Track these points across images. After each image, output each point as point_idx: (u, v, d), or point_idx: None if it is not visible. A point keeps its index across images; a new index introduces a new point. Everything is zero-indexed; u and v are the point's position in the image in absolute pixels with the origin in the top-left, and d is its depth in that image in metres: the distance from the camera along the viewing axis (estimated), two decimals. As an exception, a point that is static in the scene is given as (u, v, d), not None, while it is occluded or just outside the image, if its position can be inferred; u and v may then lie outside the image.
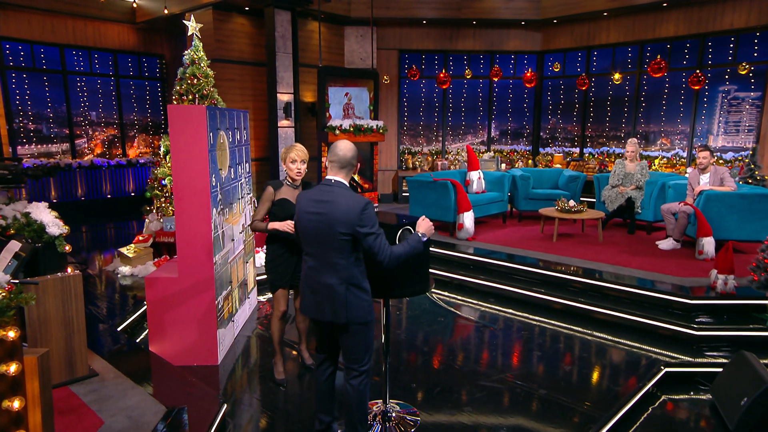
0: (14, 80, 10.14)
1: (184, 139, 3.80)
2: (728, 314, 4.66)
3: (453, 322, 5.23)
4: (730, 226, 5.92)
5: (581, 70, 10.62)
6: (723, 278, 4.71)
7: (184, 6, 9.35)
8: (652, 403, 3.89)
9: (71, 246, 3.69)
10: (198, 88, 6.49)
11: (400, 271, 3.01)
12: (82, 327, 3.54)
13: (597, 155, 10.55)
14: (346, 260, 2.59)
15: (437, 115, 11.47)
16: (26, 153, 10.39)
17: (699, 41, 9.10)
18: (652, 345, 4.56)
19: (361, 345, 2.72)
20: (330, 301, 2.62)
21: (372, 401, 3.53)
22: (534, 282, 5.73)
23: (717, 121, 9.19)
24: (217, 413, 3.16)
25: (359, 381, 2.76)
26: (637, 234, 7.37)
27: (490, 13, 10.23)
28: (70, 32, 10.40)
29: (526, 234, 7.45)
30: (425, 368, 4.23)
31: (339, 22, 10.44)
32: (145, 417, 3.10)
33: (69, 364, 3.51)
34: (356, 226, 2.50)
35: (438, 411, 3.50)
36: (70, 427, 3.00)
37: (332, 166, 2.65)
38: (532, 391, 3.77)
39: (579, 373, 4.15)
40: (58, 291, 3.41)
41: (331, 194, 2.59)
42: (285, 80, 8.83)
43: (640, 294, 4.99)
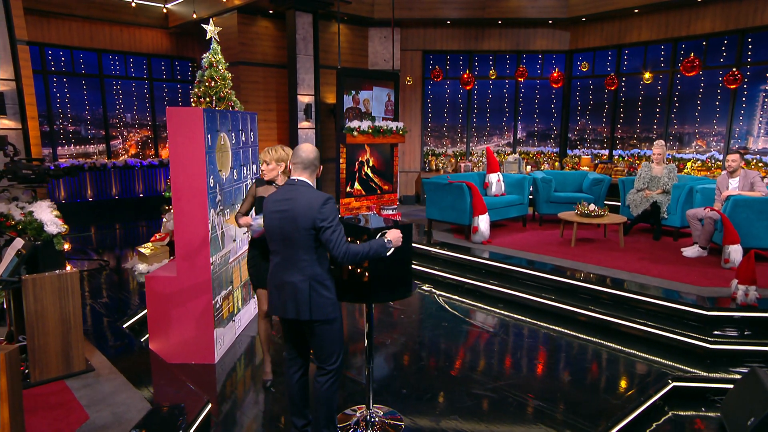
0: (55, 84, 10.63)
1: (182, 140, 3.85)
2: (748, 327, 4.37)
3: (457, 327, 5.11)
4: (760, 234, 5.57)
5: (611, 69, 10.24)
6: (744, 289, 4.42)
7: (212, 11, 9.56)
8: (657, 418, 3.69)
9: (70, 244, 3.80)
10: (215, 91, 6.56)
11: (381, 276, 2.97)
12: (79, 323, 3.64)
13: (627, 157, 10.15)
14: (310, 257, 2.64)
15: (462, 117, 11.31)
16: (65, 153, 10.89)
17: (737, 37, 8.59)
18: (663, 357, 4.33)
19: (327, 343, 2.73)
20: (294, 299, 2.65)
21: (356, 406, 3.48)
22: (545, 288, 5.56)
23: (757, 121, 8.66)
24: (199, 412, 3.18)
25: (326, 379, 2.77)
26: (662, 240, 7.04)
27: (516, 12, 10.01)
28: (107, 38, 10.81)
29: (544, 238, 7.23)
30: (419, 373, 4.15)
31: (363, 24, 10.44)
32: (129, 414, 3.14)
33: (66, 358, 3.61)
34: (316, 219, 2.56)
35: (424, 417, 3.41)
36: (56, 421, 3.08)
37: (296, 167, 2.73)
38: (525, 401, 3.63)
39: (579, 383, 3.97)
40: (56, 288, 3.51)
41: (294, 192, 2.66)
42: (306, 82, 8.89)
43: (653, 303, 4.75)
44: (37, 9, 9.56)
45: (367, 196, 8.92)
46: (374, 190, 9.03)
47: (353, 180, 8.69)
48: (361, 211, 8.54)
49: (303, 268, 2.63)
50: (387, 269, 2.98)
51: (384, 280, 2.99)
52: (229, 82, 6.72)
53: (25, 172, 5.60)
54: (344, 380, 3.95)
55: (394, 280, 3.05)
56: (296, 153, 2.75)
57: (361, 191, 8.83)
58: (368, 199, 8.91)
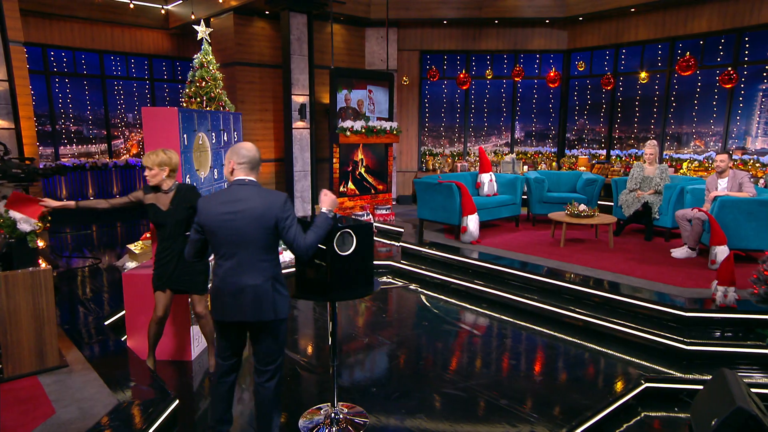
0: (57, 84, 10.77)
1: (158, 139, 3.88)
2: (725, 328, 4.31)
3: (437, 326, 5.10)
4: (748, 235, 5.49)
5: (609, 69, 10.16)
6: (723, 290, 4.37)
7: (210, 11, 9.63)
8: (629, 419, 3.66)
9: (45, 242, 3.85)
10: (206, 91, 6.61)
11: (342, 274, 2.97)
12: (53, 319, 3.68)
13: (624, 158, 10.06)
14: (270, 257, 2.63)
15: (459, 117, 11.27)
16: (67, 153, 11.03)
17: (735, 36, 8.48)
18: (640, 358, 4.29)
19: (280, 342, 2.74)
20: (255, 301, 2.59)
21: (321, 404, 3.49)
22: (528, 288, 5.52)
23: (755, 121, 8.53)
24: (164, 408, 3.20)
25: (275, 382, 2.74)
26: (654, 241, 6.97)
27: (513, 11, 9.96)
28: (109, 39, 10.92)
29: (535, 239, 7.19)
30: (392, 372, 4.16)
31: (359, 24, 10.45)
32: (95, 409, 3.17)
33: (39, 354, 3.65)
34: (280, 218, 2.55)
35: (390, 416, 3.41)
36: (22, 415, 3.12)
37: (243, 167, 2.65)
38: (494, 400, 3.62)
39: (552, 383, 3.94)
40: (28, 285, 3.55)
41: (247, 192, 2.59)
42: (300, 82, 8.91)
43: (633, 304, 4.70)
44: (39, 11, 9.70)
45: (361, 195, 8.92)
46: (368, 189, 9.03)
47: (347, 180, 8.70)
48: (355, 211, 8.55)
49: (264, 269, 2.60)
50: (348, 268, 2.98)
51: (345, 278, 2.99)
52: (220, 82, 6.75)
53: (14, 171, 5.69)
54: (315, 378, 3.97)
55: (355, 278, 3.04)
56: (240, 153, 2.64)
57: (355, 191, 8.84)
58: (362, 198, 8.92)
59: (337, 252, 2.89)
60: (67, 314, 4.90)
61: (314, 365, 4.27)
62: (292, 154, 8.91)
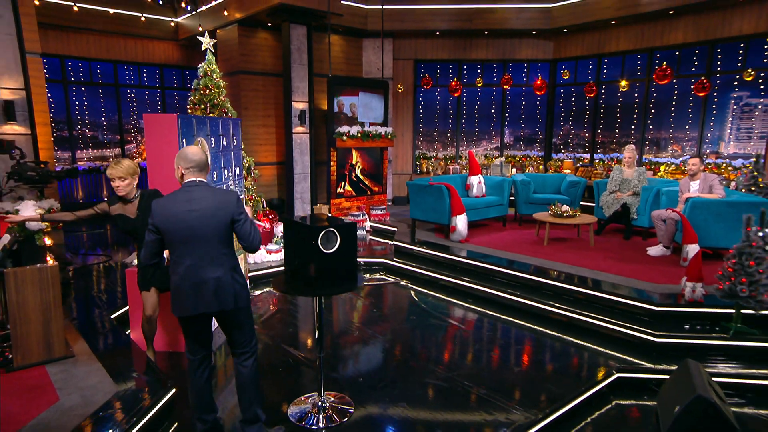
0: (74, 93, 10.82)
1: (158, 144, 3.90)
2: (693, 322, 4.31)
3: (424, 320, 5.10)
4: (718, 234, 5.48)
5: (592, 77, 10.15)
6: (691, 286, 4.38)
7: (216, 24, 9.66)
8: (601, 407, 3.66)
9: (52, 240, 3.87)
10: (210, 98, 6.64)
11: (328, 271, 2.98)
12: (59, 313, 3.70)
13: (607, 161, 10.05)
14: (228, 250, 2.69)
15: (451, 122, 11.27)
16: (83, 157, 11.07)
17: (708, 48, 8.49)
18: (613, 349, 4.29)
19: (248, 326, 2.82)
20: (217, 292, 2.63)
21: (310, 393, 3.50)
22: (511, 284, 5.52)
23: (728, 127, 8.53)
24: (162, 396, 3.22)
25: (252, 360, 2.83)
26: (632, 240, 6.96)
27: (502, 23, 9.97)
28: (122, 50, 10.96)
29: (520, 237, 7.17)
30: (378, 363, 4.16)
31: (357, 35, 10.47)
32: (96, 397, 3.20)
33: (47, 345, 3.68)
34: (235, 213, 2.63)
35: (374, 404, 3.42)
36: (28, 402, 3.14)
37: (192, 170, 2.67)
38: (473, 390, 3.62)
39: (529, 374, 3.94)
40: (36, 280, 3.58)
41: (200, 192, 2.63)
42: (300, 90, 8.93)
43: (609, 299, 4.70)
44: (57, 24, 9.77)
45: (357, 197, 8.93)
46: (364, 191, 9.04)
47: (344, 181, 8.71)
48: (351, 211, 8.56)
49: (224, 262, 2.65)
50: (333, 265, 2.99)
51: (330, 274, 3.00)
52: (223, 90, 6.78)
53: (29, 174, 5.72)
54: (305, 370, 3.98)
55: (340, 274, 3.05)
56: (187, 158, 2.65)
57: (351, 192, 8.85)
58: (358, 199, 8.93)
59: (321, 250, 2.90)
60: (77, 308, 4.93)
61: (307, 358, 4.27)
62: (292, 158, 8.93)
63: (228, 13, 9.19)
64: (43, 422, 2.93)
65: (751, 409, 3.60)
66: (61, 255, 7.07)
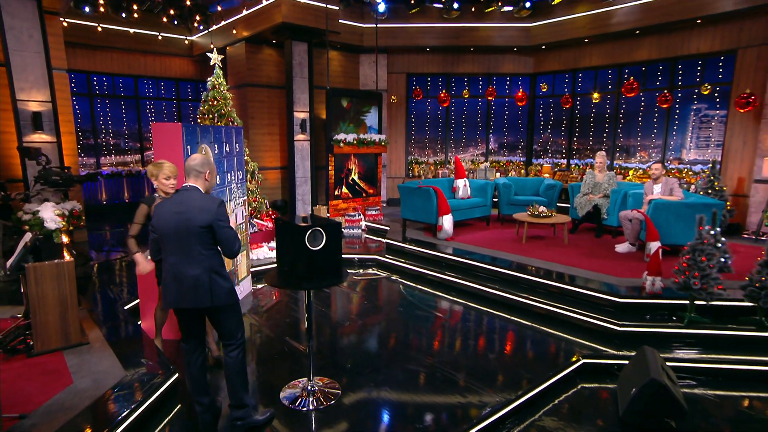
0: (99, 105, 10.84)
1: (165, 150, 3.91)
2: (652, 312, 4.32)
3: (410, 312, 5.10)
4: (677, 233, 5.48)
5: (568, 90, 10.15)
6: (651, 280, 4.39)
7: (226, 41, 9.67)
8: (567, 389, 3.67)
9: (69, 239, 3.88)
10: (217, 108, 6.66)
11: (314, 267, 2.99)
12: (75, 304, 3.71)
13: (582, 166, 10.05)
14: (207, 251, 2.64)
15: (441, 130, 11.28)
16: (107, 163, 11.09)
17: (670, 64, 8.50)
18: (581, 338, 4.30)
19: (231, 323, 2.78)
20: (194, 290, 2.61)
21: (301, 378, 3.51)
22: (491, 279, 5.53)
23: (689, 136, 8.54)
24: (165, 380, 3.23)
25: (237, 352, 2.81)
26: (603, 238, 6.96)
27: (486, 41, 9.96)
28: (142, 66, 10.98)
29: (502, 236, 7.17)
30: (366, 351, 4.16)
31: (354, 51, 10.47)
32: (107, 380, 3.21)
33: (64, 333, 3.69)
34: (215, 220, 2.60)
35: (360, 388, 3.43)
36: (45, 385, 3.16)
37: (189, 176, 2.72)
38: (451, 375, 3.63)
39: (503, 360, 3.96)
40: (54, 274, 3.59)
41: (189, 196, 2.65)
42: (301, 101, 8.93)
43: (578, 292, 4.71)
44: (84, 43, 9.85)
45: (354, 198, 8.93)
46: (360, 193, 9.04)
47: (341, 184, 8.71)
48: (348, 211, 8.56)
49: (202, 261, 2.62)
50: (319, 261, 3.01)
51: (316, 270, 3.01)
52: (229, 101, 6.80)
53: (54, 178, 5.74)
54: (299, 357, 3.99)
55: (326, 269, 3.06)
56: (187, 164, 2.72)
57: (348, 194, 8.85)
58: (354, 201, 8.93)
59: (308, 247, 2.91)
60: (95, 300, 4.94)
61: (301, 346, 4.28)
62: (294, 163, 8.93)
63: (236, 32, 9.20)
64: (57, 403, 2.95)
65: (702, 390, 3.61)
66: (84, 252, 7.09)
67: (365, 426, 2.99)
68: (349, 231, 8.02)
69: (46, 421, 2.75)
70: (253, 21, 8.82)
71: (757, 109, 7.40)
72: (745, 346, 3.95)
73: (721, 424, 3.21)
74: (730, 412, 3.35)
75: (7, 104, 6.70)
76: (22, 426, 2.71)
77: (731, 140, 7.79)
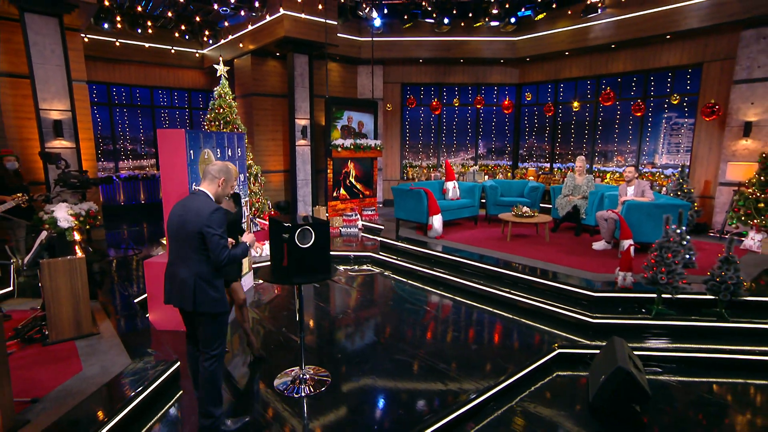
0: (118, 114, 10.84)
1: (169, 155, 3.90)
2: (623, 305, 4.30)
3: (401, 305, 5.08)
4: (648, 231, 5.47)
5: (551, 99, 10.13)
6: (623, 275, 4.37)
7: (233, 54, 9.67)
8: (543, 377, 3.65)
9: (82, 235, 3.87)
10: (223, 116, 6.66)
11: (303, 262, 2.97)
12: (86, 297, 3.71)
13: (564, 169, 10.03)
14: (197, 257, 2.47)
15: (433, 136, 11.26)
16: (125, 167, 11.09)
17: (643, 76, 8.51)
18: (558, 329, 4.27)
19: (209, 333, 2.56)
20: (180, 291, 2.50)
21: (291, 367, 3.49)
22: (477, 274, 5.50)
23: (661, 142, 8.53)
24: (167, 368, 3.22)
25: (210, 363, 2.57)
26: (582, 236, 6.94)
27: (475, 53, 9.95)
28: (157, 77, 10.98)
29: (488, 234, 7.15)
30: (357, 342, 4.13)
31: (352, 63, 10.46)
32: (114, 368, 3.21)
33: (76, 324, 3.69)
34: (204, 225, 2.42)
35: (349, 376, 3.42)
36: (57, 371, 3.16)
37: (204, 179, 2.62)
38: (434, 364, 3.61)
39: (484, 350, 3.93)
40: (66, 269, 3.60)
41: (193, 200, 2.54)
42: (302, 109, 8.92)
43: (556, 286, 4.69)
44: (105, 57, 9.86)
45: (351, 199, 8.92)
46: (357, 194, 9.03)
47: (339, 186, 8.70)
48: (345, 212, 8.55)
49: (191, 265, 2.47)
50: (309, 258, 2.99)
51: (306, 266, 3.00)
52: (234, 109, 6.79)
53: (72, 180, 5.74)
54: (294, 347, 3.98)
55: (315, 265, 3.04)
56: (207, 167, 2.61)
57: (345, 195, 8.84)
58: (352, 202, 8.92)
59: (298, 245, 2.90)
60: (108, 293, 4.93)
61: (295, 337, 4.27)
62: (295, 166, 8.92)
63: (243, 45, 9.19)
64: (66, 388, 2.95)
65: (667, 377, 3.60)
66: (102, 249, 7.09)
67: (353, 411, 2.98)
68: (347, 230, 8.01)
69: (55, 405, 2.75)
70: (257, 35, 8.82)
71: (721, 118, 7.41)
72: (707, 336, 3.94)
73: (683, 408, 3.19)
74: (691, 397, 3.34)
75: (31, 113, 6.71)
76: (33, 409, 2.71)
77: (698, 146, 7.78)
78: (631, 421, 3.04)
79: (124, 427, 2.74)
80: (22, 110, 6.79)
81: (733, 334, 3.93)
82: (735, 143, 7.12)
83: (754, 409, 3.22)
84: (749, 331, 3.93)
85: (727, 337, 3.91)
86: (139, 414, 2.87)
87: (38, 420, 2.60)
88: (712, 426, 3.02)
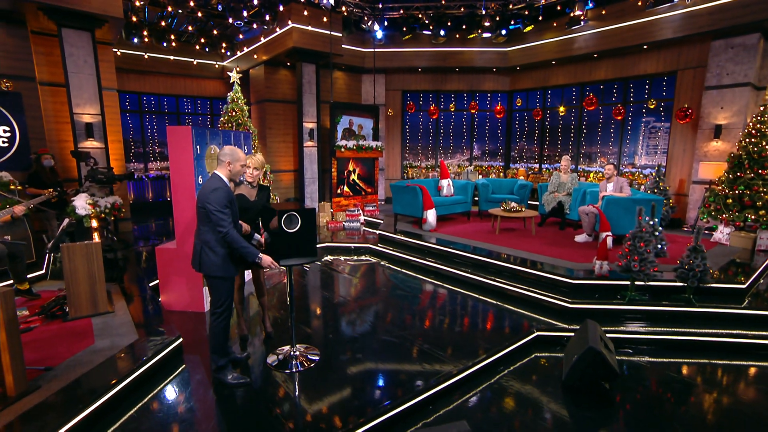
0: (148, 120, 10.91)
1: (177, 150, 3.87)
2: (600, 291, 4.17)
3: (393, 292, 4.99)
4: (626, 224, 5.31)
5: (539, 104, 9.95)
6: (600, 264, 4.24)
7: (248, 65, 9.67)
8: (523, 357, 3.56)
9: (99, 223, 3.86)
10: (236, 119, 6.64)
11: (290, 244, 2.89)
12: (102, 279, 3.69)
13: (552, 170, 9.84)
14: (204, 227, 2.70)
15: (432, 139, 11.14)
16: (153, 167, 11.17)
17: (623, 83, 8.32)
18: (538, 314, 4.16)
19: (213, 292, 2.76)
20: (194, 255, 2.77)
21: (282, 346, 3.43)
22: (465, 264, 5.39)
23: (640, 144, 8.32)
24: (170, 343, 3.19)
25: (214, 318, 2.79)
26: (566, 230, 6.79)
27: (469, 62, 9.81)
28: (182, 87, 11.02)
29: (479, 228, 7.02)
30: (347, 324, 4.05)
31: (357, 71, 10.39)
32: (122, 342, 3.19)
33: (93, 303, 3.68)
34: (205, 202, 2.61)
35: (337, 355, 3.35)
36: (72, 344, 3.14)
37: (217, 165, 2.77)
38: (419, 345, 3.52)
39: (467, 333, 3.83)
40: (83, 254, 3.58)
41: (207, 181, 2.71)
42: (310, 113, 8.88)
43: (538, 275, 4.57)
44: (136, 69, 9.93)
45: (354, 196, 8.84)
46: (359, 192, 8.95)
47: (343, 184, 8.63)
48: (349, 207, 8.48)
49: (200, 234, 2.73)
50: (296, 240, 2.91)
51: (293, 248, 2.91)
52: (246, 112, 6.77)
53: (99, 176, 5.76)
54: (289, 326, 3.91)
55: (302, 248, 2.94)
56: (218, 154, 2.77)
57: (349, 193, 8.76)
58: (355, 198, 8.84)
59: (285, 230, 2.84)
60: (127, 277, 4.93)
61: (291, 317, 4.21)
62: (303, 166, 8.87)
63: (257, 57, 9.18)
64: (77, 359, 2.93)
65: (638, 358, 3.47)
66: (128, 240, 7.12)
67: (340, 385, 2.91)
68: (350, 224, 7.95)
69: (65, 373, 2.73)
70: (269, 47, 8.80)
71: (694, 121, 7.24)
72: (676, 320, 3.79)
73: (650, 386, 3.07)
74: (660, 376, 3.21)
75: (67, 118, 6.79)
76: (45, 377, 2.69)
77: (674, 147, 7.59)
78: (602, 397, 2.93)
79: (133, 390, 2.76)
80: (60, 115, 6.90)
81: (700, 318, 3.79)
82: (706, 144, 6.98)
83: (718, 387, 3.08)
84: (715, 315, 3.78)
85: (694, 321, 3.77)
86: (143, 383, 2.83)
87: (48, 385, 2.59)
88: (679, 403, 2.89)
